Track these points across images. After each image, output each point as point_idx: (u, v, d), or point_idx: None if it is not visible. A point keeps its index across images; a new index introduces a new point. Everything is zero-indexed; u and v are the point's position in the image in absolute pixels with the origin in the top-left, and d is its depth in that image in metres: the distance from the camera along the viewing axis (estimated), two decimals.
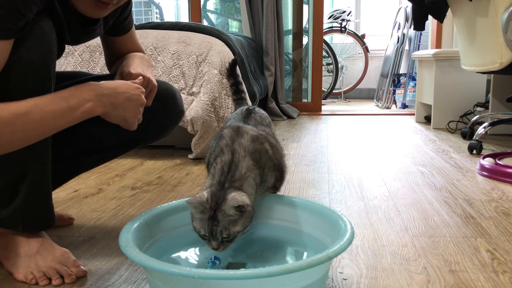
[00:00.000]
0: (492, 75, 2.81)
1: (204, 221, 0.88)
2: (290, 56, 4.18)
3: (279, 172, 1.08)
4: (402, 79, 4.57)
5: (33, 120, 0.87)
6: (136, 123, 1.05)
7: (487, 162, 1.86)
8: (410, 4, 2.92)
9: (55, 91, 0.95)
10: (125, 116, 1.00)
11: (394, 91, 4.60)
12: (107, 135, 1.20)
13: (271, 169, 1.04)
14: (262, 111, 1.26)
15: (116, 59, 1.28)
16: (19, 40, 0.89)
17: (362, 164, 2.08)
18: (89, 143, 1.21)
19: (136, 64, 1.14)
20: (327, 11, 5.03)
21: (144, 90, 1.05)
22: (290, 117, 3.74)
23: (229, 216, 0.87)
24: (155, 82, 1.14)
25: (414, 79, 4.33)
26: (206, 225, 0.87)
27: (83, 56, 2.29)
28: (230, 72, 1.43)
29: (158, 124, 1.26)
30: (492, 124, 2.44)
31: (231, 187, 0.90)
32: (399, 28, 4.69)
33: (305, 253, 1.02)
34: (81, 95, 0.93)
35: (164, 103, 1.22)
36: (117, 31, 1.23)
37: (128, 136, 1.14)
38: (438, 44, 4.01)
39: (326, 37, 5.19)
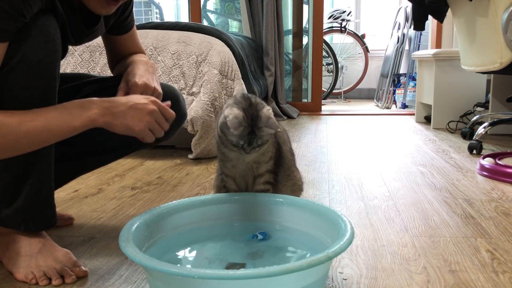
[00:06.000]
0: (492, 75, 2.81)
1: (243, 136, 1.02)
2: (290, 56, 4.18)
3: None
4: (402, 79, 4.57)
5: (37, 127, 0.90)
6: (150, 133, 1.03)
7: (487, 162, 1.86)
8: (410, 4, 2.92)
9: (59, 94, 0.97)
10: (127, 124, 0.99)
11: (394, 91, 4.60)
12: (110, 137, 1.20)
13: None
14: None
15: (119, 59, 1.29)
16: (25, 39, 0.90)
17: (362, 164, 2.08)
18: (93, 144, 1.21)
19: (141, 72, 1.15)
20: (327, 11, 5.03)
21: (154, 99, 1.05)
22: (290, 117, 3.74)
23: (263, 131, 1.04)
24: (160, 90, 1.15)
25: (414, 79, 4.33)
26: (245, 138, 1.03)
27: (83, 56, 2.29)
28: None
29: None
30: (492, 124, 2.44)
31: (258, 103, 1.06)
32: (399, 28, 4.69)
33: (305, 253, 1.02)
34: (83, 106, 0.96)
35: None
36: (118, 30, 1.25)
37: (131, 138, 1.14)
38: (438, 44, 4.01)
39: (326, 37, 5.19)
